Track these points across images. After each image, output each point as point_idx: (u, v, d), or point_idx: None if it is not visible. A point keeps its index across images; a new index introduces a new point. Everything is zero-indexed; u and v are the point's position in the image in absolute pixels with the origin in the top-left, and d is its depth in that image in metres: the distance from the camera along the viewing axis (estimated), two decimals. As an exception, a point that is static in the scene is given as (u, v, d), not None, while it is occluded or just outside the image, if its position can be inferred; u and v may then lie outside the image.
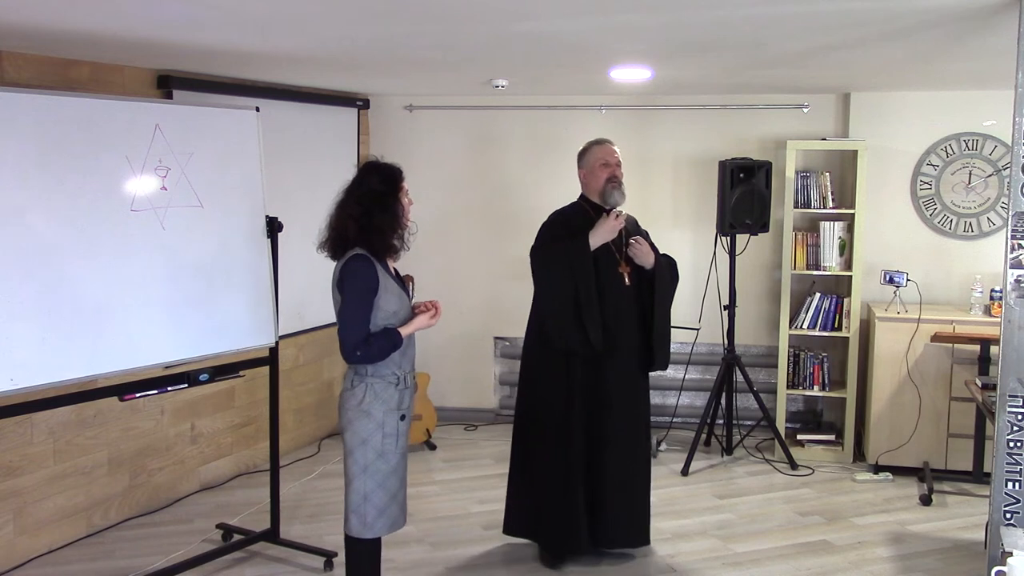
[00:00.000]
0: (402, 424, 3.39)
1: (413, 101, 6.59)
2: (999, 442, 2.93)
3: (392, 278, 3.39)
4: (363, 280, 3.27)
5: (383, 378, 3.34)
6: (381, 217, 3.31)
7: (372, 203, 3.32)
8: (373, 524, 3.38)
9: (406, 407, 3.41)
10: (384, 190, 3.34)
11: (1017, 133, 2.82)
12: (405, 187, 3.42)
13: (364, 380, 3.33)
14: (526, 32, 3.63)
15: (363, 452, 3.33)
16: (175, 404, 5.10)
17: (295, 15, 3.28)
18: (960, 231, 5.98)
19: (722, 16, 3.24)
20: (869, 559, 4.45)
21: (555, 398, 4.22)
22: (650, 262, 4.28)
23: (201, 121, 4.12)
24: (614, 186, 4.27)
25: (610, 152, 4.33)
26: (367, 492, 3.35)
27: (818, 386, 5.98)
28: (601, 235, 4.17)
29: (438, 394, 6.40)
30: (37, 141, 3.51)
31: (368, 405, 3.32)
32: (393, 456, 3.37)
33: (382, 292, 3.30)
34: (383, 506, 3.37)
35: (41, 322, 3.50)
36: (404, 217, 3.38)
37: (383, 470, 3.35)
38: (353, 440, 3.35)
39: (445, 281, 6.62)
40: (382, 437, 3.33)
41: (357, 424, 3.33)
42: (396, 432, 3.36)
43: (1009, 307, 2.89)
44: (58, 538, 4.48)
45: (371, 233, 3.31)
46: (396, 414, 3.36)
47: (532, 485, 4.31)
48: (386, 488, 3.37)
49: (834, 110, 6.18)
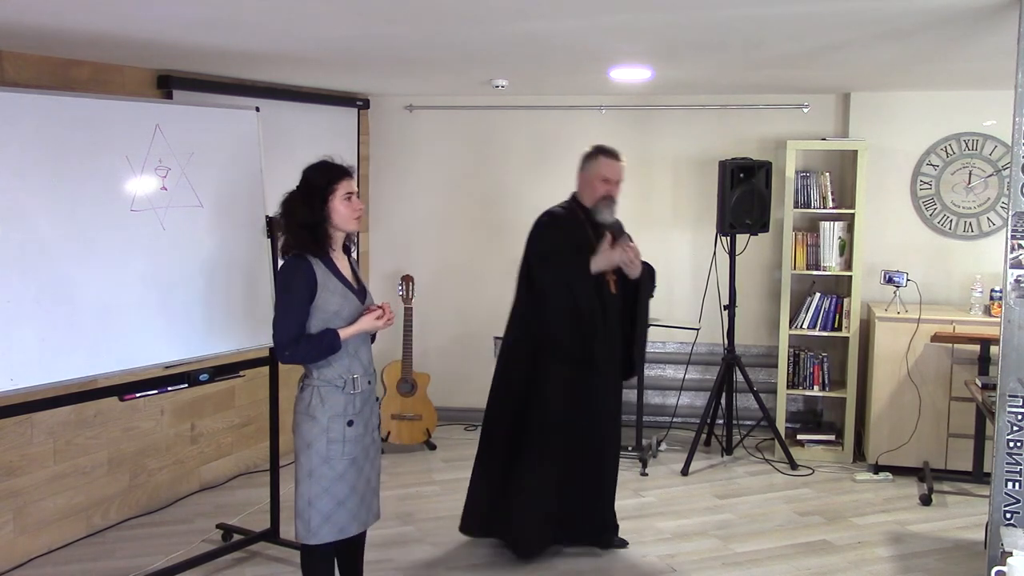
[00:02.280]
0: (350, 430, 3.29)
1: (413, 101, 6.59)
2: (999, 442, 2.93)
3: (336, 277, 3.30)
4: (294, 279, 3.23)
5: (330, 382, 3.28)
6: (303, 213, 3.26)
7: (296, 199, 3.30)
8: (318, 530, 3.29)
9: (355, 412, 3.31)
10: (313, 187, 3.29)
11: (1017, 133, 2.82)
12: (341, 188, 3.29)
13: (312, 383, 3.29)
14: (526, 32, 3.63)
15: (307, 456, 3.27)
16: (175, 404, 5.10)
17: (295, 15, 3.28)
18: (960, 231, 5.98)
19: (722, 16, 3.24)
20: (869, 559, 4.45)
21: (539, 401, 4.22)
22: (637, 274, 4.30)
23: (201, 121, 4.12)
24: (605, 204, 4.25)
25: (617, 170, 4.29)
26: (311, 497, 3.28)
27: (818, 386, 5.98)
28: (602, 263, 4.17)
29: (438, 394, 6.39)
30: (37, 141, 3.51)
31: (314, 409, 3.26)
32: (339, 463, 3.28)
33: (321, 291, 3.24)
34: (328, 512, 3.28)
35: (41, 322, 3.50)
36: (331, 215, 3.27)
37: (328, 476, 3.27)
38: (299, 443, 3.30)
39: (445, 281, 6.62)
40: (327, 443, 3.26)
41: (303, 427, 3.29)
42: (342, 438, 3.27)
43: (1009, 307, 2.89)
44: (58, 538, 4.48)
45: (293, 229, 3.28)
46: (342, 420, 3.27)
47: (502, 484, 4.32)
48: (332, 494, 3.28)
49: (834, 110, 6.18)
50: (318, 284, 3.24)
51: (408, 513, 4.98)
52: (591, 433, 4.27)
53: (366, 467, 3.40)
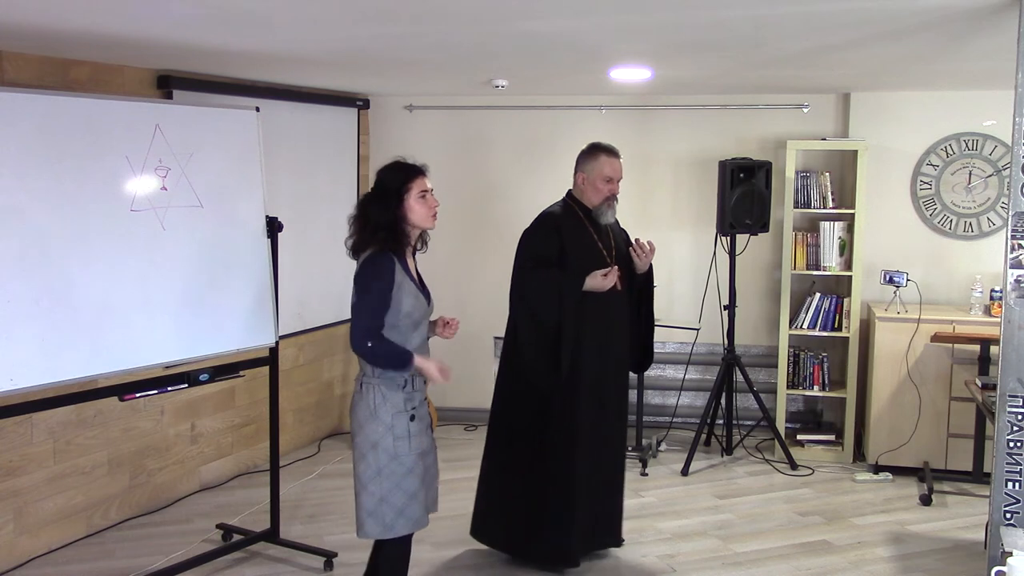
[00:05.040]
0: (413, 425, 3.35)
1: (413, 101, 6.59)
2: (999, 442, 2.93)
3: (411, 279, 3.36)
4: (377, 275, 3.27)
5: (391, 380, 3.33)
6: (378, 214, 3.30)
7: (371, 200, 3.35)
8: (393, 524, 3.35)
9: (415, 407, 3.38)
10: (388, 188, 3.33)
11: (1017, 133, 2.82)
12: (416, 187, 3.34)
13: (372, 383, 3.33)
14: (526, 32, 3.63)
15: (375, 456, 3.32)
16: (175, 404, 5.10)
17: (295, 15, 3.28)
18: (960, 231, 5.98)
19: (722, 16, 3.24)
20: (869, 559, 4.45)
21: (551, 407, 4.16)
22: (645, 268, 4.31)
23: (201, 121, 4.12)
24: (609, 205, 4.23)
25: (618, 168, 4.25)
26: (383, 495, 3.32)
27: (818, 386, 5.98)
28: (595, 286, 4.09)
29: (438, 394, 6.40)
30: (37, 141, 3.51)
31: (377, 409, 3.31)
32: (407, 458, 3.33)
33: (397, 290, 3.29)
34: (401, 506, 3.34)
35: (41, 322, 3.50)
36: (407, 214, 3.32)
37: (398, 472, 3.33)
38: (364, 444, 3.34)
39: (445, 281, 6.61)
40: (393, 440, 3.31)
41: (368, 428, 3.33)
42: (407, 433, 3.33)
43: (1009, 307, 2.89)
44: (58, 538, 4.48)
45: (372, 230, 3.31)
46: (405, 416, 3.34)
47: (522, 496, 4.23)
48: (403, 489, 3.34)
49: (834, 110, 6.19)
50: (395, 283, 3.29)
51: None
52: (596, 430, 4.23)
53: (429, 458, 3.48)
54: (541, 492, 4.18)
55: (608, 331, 4.22)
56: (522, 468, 4.22)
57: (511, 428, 4.28)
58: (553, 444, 4.16)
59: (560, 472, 4.15)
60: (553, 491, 4.16)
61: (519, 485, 4.23)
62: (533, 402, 4.19)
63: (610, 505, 4.39)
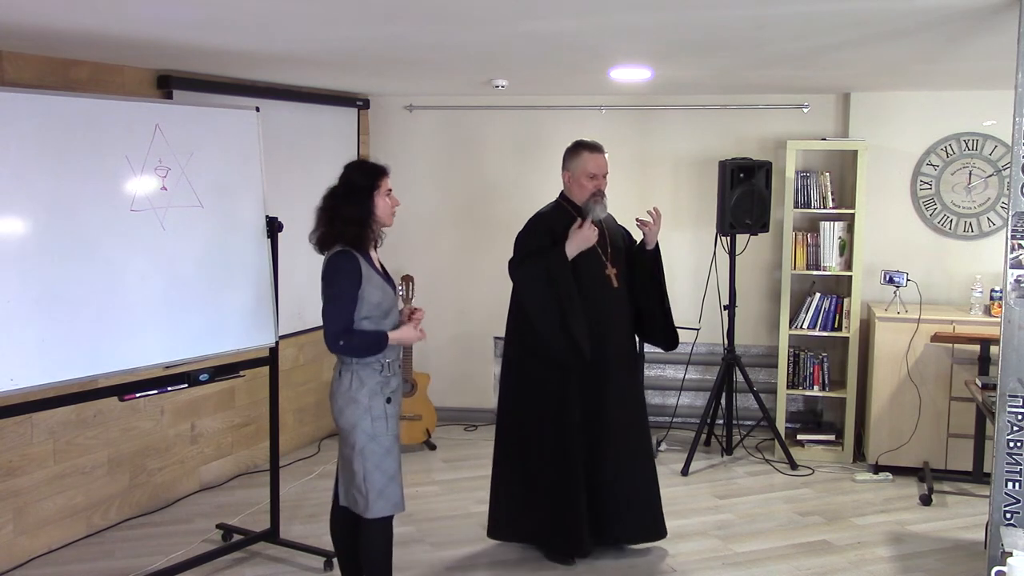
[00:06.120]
0: (389, 407, 3.49)
1: (413, 101, 6.59)
2: (999, 442, 2.93)
3: (376, 271, 3.49)
4: (345, 273, 3.41)
5: (367, 365, 3.46)
6: (348, 209, 3.42)
7: (341, 196, 3.45)
8: (373, 505, 3.46)
9: (391, 391, 3.51)
10: (358, 185, 3.45)
11: (1017, 133, 2.82)
12: (384, 185, 3.49)
13: (350, 368, 3.47)
14: (526, 32, 3.63)
15: (355, 436, 3.46)
16: (175, 404, 5.10)
17: (295, 15, 3.28)
18: (960, 231, 5.98)
19: (722, 16, 3.24)
20: (869, 559, 4.45)
21: (549, 403, 4.20)
22: (655, 238, 4.32)
23: (201, 121, 4.12)
24: (596, 201, 4.20)
25: (601, 164, 4.23)
26: (365, 473, 3.45)
27: (818, 386, 5.98)
28: (577, 244, 4.10)
29: (438, 394, 6.40)
30: (37, 141, 3.50)
31: (355, 391, 3.45)
32: (385, 438, 3.47)
33: (365, 284, 3.42)
34: (381, 487, 3.46)
35: (41, 322, 3.50)
36: (374, 211, 3.46)
37: (377, 452, 3.46)
38: (345, 426, 3.49)
39: (445, 281, 6.62)
40: (371, 420, 3.45)
41: (347, 411, 3.46)
42: (384, 415, 3.47)
43: (1009, 307, 2.89)
44: (58, 538, 4.48)
45: (340, 225, 3.42)
46: (381, 397, 3.47)
47: (528, 490, 4.28)
48: (383, 469, 3.47)
49: (834, 110, 6.18)
50: (363, 278, 3.42)
51: (408, 513, 4.96)
52: (597, 427, 4.24)
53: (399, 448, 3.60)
54: (551, 484, 4.21)
55: (606, 326, 4.22)
56: (534, 461, 4.26)
57: (521, 424, 4.30)
58: (554, 437, 4.19)
59: (563, 464, 4.19)
60: (559, 483, 4.20)
61: (533, 478, 4.26)
62: (539, 397, 4.22)
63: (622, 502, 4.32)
